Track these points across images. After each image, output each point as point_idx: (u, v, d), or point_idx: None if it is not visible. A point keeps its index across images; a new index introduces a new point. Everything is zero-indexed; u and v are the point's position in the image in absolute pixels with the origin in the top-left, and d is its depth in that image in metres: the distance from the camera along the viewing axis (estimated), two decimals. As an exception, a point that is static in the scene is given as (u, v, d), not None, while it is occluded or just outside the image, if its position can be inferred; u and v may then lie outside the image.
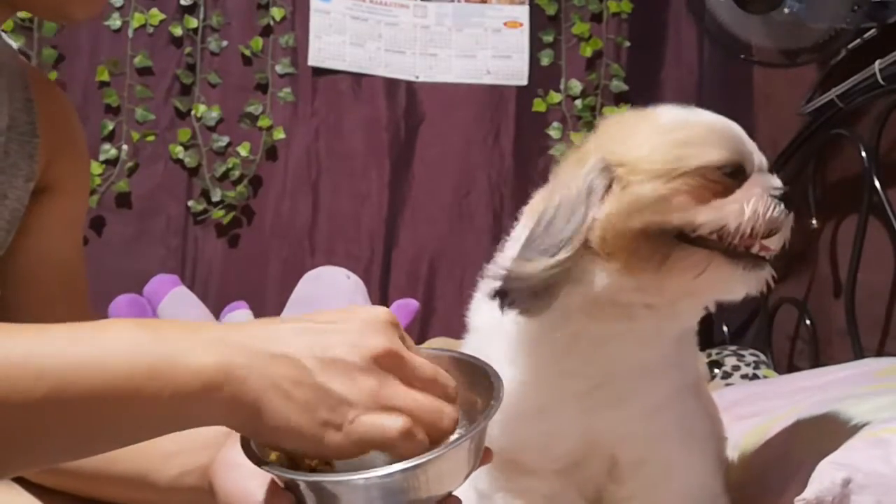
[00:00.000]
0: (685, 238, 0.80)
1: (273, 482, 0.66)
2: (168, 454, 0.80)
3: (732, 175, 0.81)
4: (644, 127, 0.84)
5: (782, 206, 0.81)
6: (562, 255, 0.79)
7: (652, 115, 0.86)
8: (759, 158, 0.85)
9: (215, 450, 0.77)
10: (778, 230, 0.82)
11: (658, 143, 0.82)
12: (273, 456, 0.63)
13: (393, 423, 0.58)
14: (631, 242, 0.80)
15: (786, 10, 1.78)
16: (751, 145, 0.85)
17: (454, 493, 0.65)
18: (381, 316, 0.62)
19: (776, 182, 0.83)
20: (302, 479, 0.60)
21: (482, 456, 0.66)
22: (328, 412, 0.57)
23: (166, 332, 0.58)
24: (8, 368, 0.53)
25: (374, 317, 0.62)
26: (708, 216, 0.79)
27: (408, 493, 0.60)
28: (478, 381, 0.68)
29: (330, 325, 0.61)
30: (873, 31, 1.83)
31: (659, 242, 0.80)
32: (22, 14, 2.28)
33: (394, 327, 0.62)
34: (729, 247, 0.80)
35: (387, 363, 0.60)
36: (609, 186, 0.81)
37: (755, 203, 0.80)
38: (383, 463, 0.61)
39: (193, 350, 0.57)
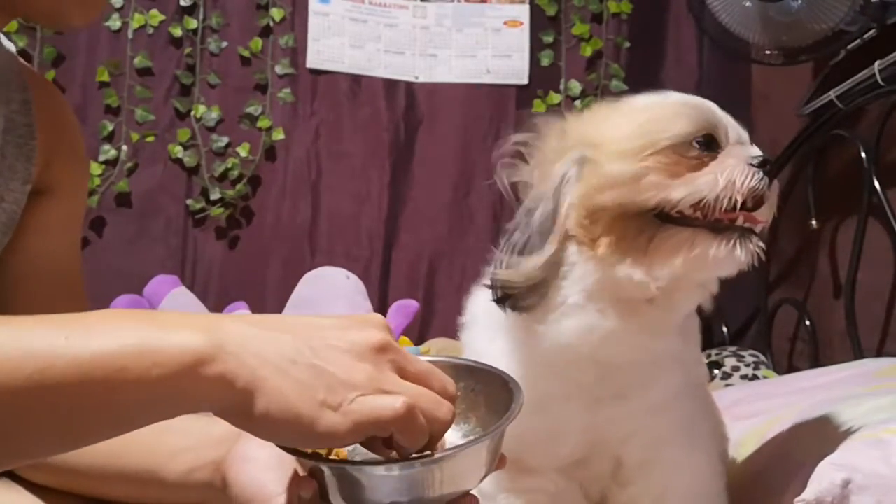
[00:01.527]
0: (669, 219, 0.80)
1: (295, 471, 0.66)
2: (177, 450, 0.80)
3: (706, 149, 0.80)
4: (616, 111, 0.85)
5: (761, 174, 0.79)
6: (545, 251, 0.79)
7: (626, 100, 0.86)
8: (737, 131, 0.83)
9: (228, 445, 0.76)
10: (762, 200, 0.80)
11: (627, 123, 0.82)
12: None
13: (394, 402, 0.56)
14: (611, 225, 0.79)
15: (794, 3, 1.77)
16: (725, 118, 0.83)
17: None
18: (376, 317, 0.63)
19: (755, 151, 0.81)
20: (327, 465, 0.61)
21: (497, 460, 0.66)
22: (326, 392, 0.55)
23: (156, 316, 0.57)
24: None
25: (370, 316, 0.62)
26: (682, 191, 0.78)
27: (426, 486, 0.60)
28: (495, 388, 0.68)
29: (325, 320, 0.61)
30: (873, 31, 1.83)
31: (642, 224, 0.79)
32: (23, 16, 2.29)
33: (388, 329, 0.62)
34: (714, 222, 0.79)
35: (383, 355, 0.59)
36: (582, 172, 0.81)
37: (730, 173, 0.78)
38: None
39: (182, 330, 0.55)
